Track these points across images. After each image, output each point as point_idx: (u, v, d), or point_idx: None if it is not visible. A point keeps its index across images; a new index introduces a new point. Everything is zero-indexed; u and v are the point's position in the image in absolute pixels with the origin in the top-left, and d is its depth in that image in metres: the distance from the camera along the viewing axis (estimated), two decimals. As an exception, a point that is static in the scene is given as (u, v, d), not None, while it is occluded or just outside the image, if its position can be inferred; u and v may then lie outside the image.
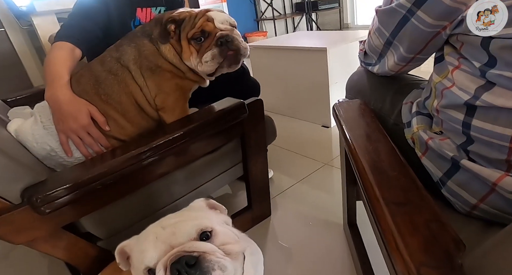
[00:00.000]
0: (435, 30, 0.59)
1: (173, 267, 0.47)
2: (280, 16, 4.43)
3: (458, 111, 0.55)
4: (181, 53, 0.85)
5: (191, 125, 0.86)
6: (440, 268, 0.38)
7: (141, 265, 0.51)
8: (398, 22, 0.62)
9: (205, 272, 0.48)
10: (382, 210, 0.48)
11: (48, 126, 0.82)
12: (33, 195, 0.67)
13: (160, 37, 0.84)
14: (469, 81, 0.52)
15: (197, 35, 0.83)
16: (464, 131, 0.54)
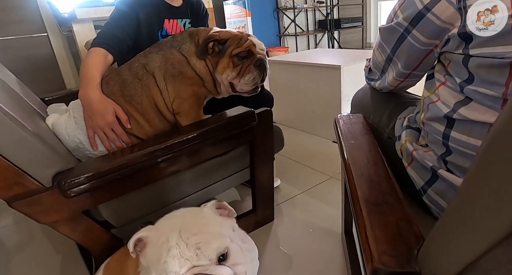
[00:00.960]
0: (428, 48, 0.65)
1: None
2: (303, 33, 4.55)
3: (440, 123, 0.60)
4: (217, 66, 0.98)
5: (203, 128, 0.95)
6: (398, 257, 0.44)
7: (162, 272, 0.56)
8: (397, 39, 0.69)
9: None
10: (360, 208, 0.54)
11: (79, 122, 0.93)
12: (62, 179, 0.77)
13: (200, 53, 0.96)
14: (451, 97, 0.58)
15: (243, 54, 0.97)
16: (444, 143, 0.60)
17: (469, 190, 0.34)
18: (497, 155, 0.29)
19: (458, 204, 0.35)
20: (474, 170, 0.33)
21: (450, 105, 0.58)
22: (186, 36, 1.00)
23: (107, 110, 0.91)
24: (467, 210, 0.34)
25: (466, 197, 0.34)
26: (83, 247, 1.22)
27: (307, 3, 4.51)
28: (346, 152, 0.72)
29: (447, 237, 0.36)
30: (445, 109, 0.59)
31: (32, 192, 0.77)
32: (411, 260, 0.43)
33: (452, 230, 0.36)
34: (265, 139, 1.14)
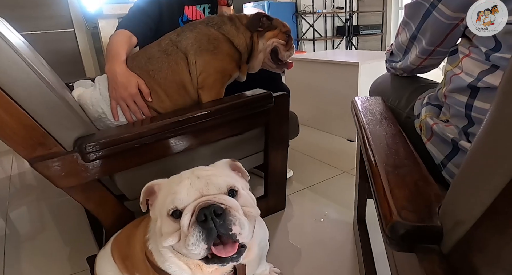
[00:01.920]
0: (453, 23, 0.64)
1: (201, 212, 0.53)
2: (321, 38, 4.56)
3: (462, 94, 0.60)
4: (263, 35, 1.11)
5: (221, 105, 0.97)
6: (418, 211, 0.43)
7: (169, 205, 0.57)
8: (423, 15, 0.68)
9: (227, 224, 0.53)
10: (377, 169, 0.53)
11: (103, 93, 0.97)
12: (84, 142, 0.79)
13: (252, 25, 1.08)
14: (475, 67, 0.57)
15: (288, 32, 1.16)
16: (467, 114, 0.59)
17: (487, 137, 0.33)
18: None
19: (476, 148, 0.34)
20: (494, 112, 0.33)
21: (474, 75, 0.57)
22: (226, 20, 1.07)
23: (130, 82, 0.94)
24: (486, 154, 0.33)
25: (484, 142, 0.34)
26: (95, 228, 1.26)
27: (327, 8, 4.53)
28: (363, 124, 0.72)
29: (468, 181, 0.36)
30: (469, 79, 0.58)
31: (54, 154, 0.80)
32: (432, 215, 0.42)
33: (472, 174, 0.35)
34: (280, 122, 1.14)
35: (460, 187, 0.37)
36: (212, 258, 0.55)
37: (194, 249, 0.53)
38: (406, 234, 0.40)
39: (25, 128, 0.75)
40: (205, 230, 0.53)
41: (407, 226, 0.40)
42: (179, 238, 0.55)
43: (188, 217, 0.54)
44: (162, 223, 0.58)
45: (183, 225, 0.54)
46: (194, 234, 0.53)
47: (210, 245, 0.53)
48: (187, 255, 0.55)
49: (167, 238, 0.56)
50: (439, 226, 0.39)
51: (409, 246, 0.41)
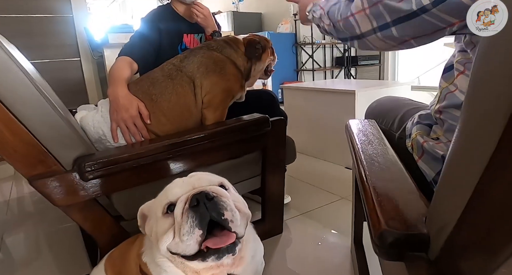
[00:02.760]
0: (443, 25, 0.59)
1: (193, 197, 0.55)
2: (320, 68, 4.69)
3: (459, 110, 0.61)
4: (260, 58, 1.20)
5: (219, 127, 0.99)
6: (406, 221, 0.44)
7: (162, 202, 0.59)
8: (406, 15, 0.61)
9: (219, 209, 0.55)
10: (367, 183, 0.55)
11: (105, 116, 1.01)
12: (83, 162, 0.81)
13: (252, 54, 1.17)
14: (467, 83, 0.59)
15: (271, 45, 1.27)
16: None
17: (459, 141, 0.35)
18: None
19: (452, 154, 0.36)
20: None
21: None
22: (223, 43, 1.14)
23: (131, 105, 0.98)
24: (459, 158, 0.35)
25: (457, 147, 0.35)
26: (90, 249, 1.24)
27: (325, 39, 4.70)
28: (356, 143, 0.74)
29: (447, 186, 0.37)
30: (463, 97, 0.60)
31: (53, 173, 0.81)
32: (418, 224, 0.43)
33: (449, 179, 0.37)
34: (277, 146, 1.16)
35: (441, 192, 0.38)
36: (208, 252, 0.55)
37: (189, 238, 0.54)
38: (394, 242, 0.41)
39: (26, 146, 0.77)
40: (198, 214, 0.54)
41: (395, 234, 0.41)
42: (174, 233, 0.56)
43: (181, 205, 0.56)
44: (158, 226, 0.59)
45: (177, 214, 0.55)
46: (187, 220, 0.54)
47: (204, 230, 0.54)
48: (184, 251, 0.55)
49: (163, 238, 0.57)
50: (425, 233, 0.40)
51: (397, 255, 0.42)
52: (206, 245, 0.55)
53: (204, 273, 0.61)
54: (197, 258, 0.56)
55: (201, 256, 0.56)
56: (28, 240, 1.48)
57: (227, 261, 0.61)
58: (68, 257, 1.28)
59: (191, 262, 0.58)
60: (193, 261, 0.57)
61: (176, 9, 1.35)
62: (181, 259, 0.59)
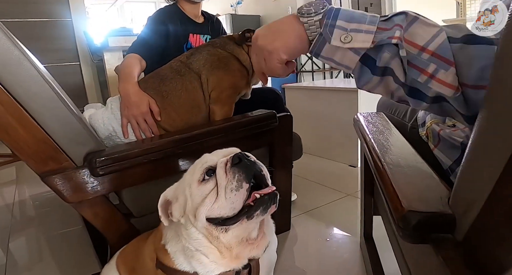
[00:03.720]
0: None
1: (235, 156, 0.58)
2: (319, 70, 4.71)
3: None
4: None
5: (228, 122, 0.99)
6: (429, 201, 0.44)
7: (200, 169, 0.60)
8: None
9: (258, 170, 0.58)
10: (384, 169, 0.55)
11: (115, 112, 1.01)
12: (94, 157, 0.81)
13: (240, 40, 1.13)
14: None
15: None
16: None
17: (488, 118, 0.35)
18: None
19: (479, 131, 0.36)
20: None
21: None
22: (226, 40, 1.14)
23: (142, 101, 0.98)
24: (488, 133, 0.35)
25: (486, 123, 0.35)
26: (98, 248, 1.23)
27: (324, 41, 4.73)
28: (367, 134, 0.74)
29: (474, 163, 0.37)
30: None
31: (64, 169, 0.81)
32: (442, 205, 0.42)
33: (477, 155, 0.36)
34: (284, 142, 1.17)
35: (467, 171, 0.38)
36: (255, 204, 0.56)
37: (237, 194, 0.55)
38: (419, 224, 0.41)
39: (37, 142, 0.77)
40: (243, 169, 0.57)
41: (419, 215, 0.41)
42: (217, 194, 0.57)
43: (223, 165, 0.58)
44: (193, 197, 0.59)
45: (221, 174, 0.57)
46: (234, 175, 0.56)
47: (250, 184, 0.57)
48: (227, 213, 0.56)
49: (203, 204, 0.58)
50: (450, 214, 0.40)
51: (422, 237, 0.41)
52: (255, 193, 0.56)
53: (237, 249, 0.62)
54: (241, 217, 0.57)
55: (246, 213, 0.57)
56: (34, 243, 1.47)
57: (255, 233, 0.63)
58: (76, 256, 1.28)
59: (233, 229, 0.59)
60: (237, 222, 0.57)
61: (183, 9, 1.36)
62: (218, 232, 0.59)
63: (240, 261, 0.63)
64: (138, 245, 0.78)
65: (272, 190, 0.58)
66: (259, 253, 0.64)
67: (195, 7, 1.37)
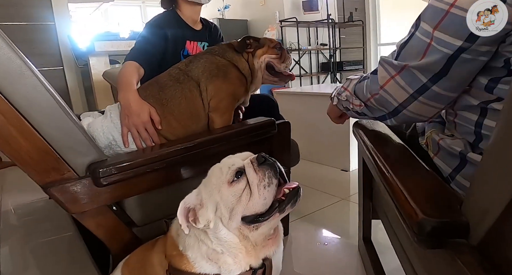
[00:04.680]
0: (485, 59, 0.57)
1: (259, 156, 0.63)
2: (306, 74, 4.77)
3: (472, 113, 0.62)
4: (255, 56, 1.16)
5: (229, 130, 1.00)
6: (442, 208, 0.46)
7: (230, 172, 0.62)
8: (445, 64, 0.58)
9: (279, 166, 0.64)
10: (393, 178, 0.57)
11: (115, 121, 1.00)
12: (97, 168, 0.80)
13: (240, 47, 1.15)
14: (480, 95, 0.60)
15: (278, 46, 1.21)
16: (476, 131, 0.61)
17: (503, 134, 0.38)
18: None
19: (497, 139, 0.39)
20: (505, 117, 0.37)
21: (482, 100, 0.60)
22: (225, 47, 1.15)
23: (143, 110, 0.98)
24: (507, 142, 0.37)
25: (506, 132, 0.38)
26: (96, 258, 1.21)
27: (311, 45, 4.79)
28: (370, 143, 0.76)
29: (492, 171, 0.39)
30: (476, 102, 0.61)
31: (67, 180, 0.80)
32: (455, 211, 0.45)
33: (495, 164, 0.39)
34: (283, 149, 1.18)
35: (484, 178, 0.40)
36: (287, 198, 0.62)
37: (269, 190, 0.60)
38: (434, 230, 0.43)
39: (40, 153, 0.75)
40: (270, 166, 0.62)
41: (434, 222, 0.43)
42: (250, 192, 0.61)
43: (251, 165, 0.62)
44: (226, 199, 0.62)
45: (251, 173, 0.61)
46: (264, 173, 0.61)
47: (278, 180, 0.62)
48: (261, 209, 0.61)
49: (241, 200, 0.61)
50: (464, 220, 0.42)
51: (437, 242, 0.43)
52: (284, 188, 0.62)
53: (260, 245, 0.66)
54: (273, 212, 0.62)
55: (278, 208, 0.62)
56: (21, 253, 1.43)
57: (272, 229, 0.67)
58: (67, 265, 1.25)
59: (262, 227, 0.62)
60: (270, 217, 0.62)
61: (182, 14, 1.35)
62: (250, 230, 0.62)
63: (259, 259, 0.67)
64: (144, 255, 0.77)
65: (296, 184, 0.64)
66: (274, 250, 0.68)
67: (196, 11, 1.36)
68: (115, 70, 2.52)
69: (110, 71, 2.49)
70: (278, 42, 1.24)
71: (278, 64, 1.21)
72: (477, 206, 0.41)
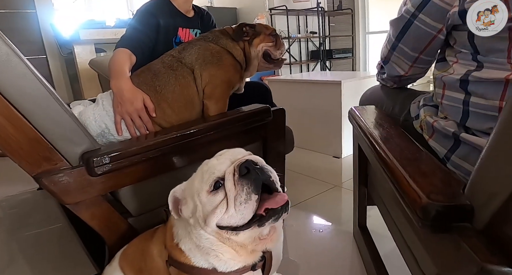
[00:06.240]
0: (433, 33, 0.70)
1: (242, 166, 0.56)
2: (296, 62, 4.75)
3: (458, 92, 0.65)
4: (252, 44, 1.15)
5: (224, 118, 0.99)
6: (446, 193, 0.46)
7: (208, 181, 0.58)
8: (403, 25, 0.76)
9: (266, 172, 0.58)
10: (393, 164, 0.57)
11: (107, 109, 0.97)
12: (91, 157, 0.78)
13: (237, 36, 1.13)
14: (463, 68, 0.64)
15: (273, 33, 1.20)
16: (464, 109, 0.64)
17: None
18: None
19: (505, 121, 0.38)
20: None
21: (463, 73, 0.64)
22: (219, 34, 1.13)
23: (136, 97, 0.95)
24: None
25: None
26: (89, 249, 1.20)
27: (301, 33, 4.75)
28: (367, 128, 0.76)
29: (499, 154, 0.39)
30: (458, 76, 0.64)
31: (59, 169, 0.78)
32: (459, 195, 0.45)
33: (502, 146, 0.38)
34: (278, 137, 1.17)
35: (487, 163, 0.40)
36: (268, 214, 0.56)
37: (246, 206, 0.55)
38: (438, 214, 0.43)
39: (30, 142, 0.73)
40: (251, 180, 0.56)
41: (438, 206, 0.43)
42: (227, 205, 0.57)
43: (231, 177, 0.57)
44: (204, 205, 0.59)
45: (229, 187, 0.56)
46: (243, 188, 0.56)
47: (259, 195, 0.56)
48: (238, 222, 0.56)
49: (214, 214, 0.57)
50: (468, 204, 0.43)
51: (442, 227, 0.44)
52: (266, 207, 0.56)
53: (250, 246, 0.62)
54: (252, 225, 0.57)
55: (258, 221, 0.57)
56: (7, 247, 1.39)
57: (266, 230, 0.63)
58: (58, 257, 1.23)
59: (243, 232, 0.58)
60: (247, 229, 0.58)
61: (173, 2, 1.32)
62: (229, 234, 0.59)
63: (256, 255, 0.65)
64: (144, 245, 0.76)
65: (284, 201, 0.57)
66: (273, 245, 0.66)
67: (186, 1, 1.33)
68: (102, 58, 2.45)
69: (98, 59, 2.42)
70: (273, 29, 1.23)
71: (274, 52, 1.20)
72: (482, 189, 0.41)
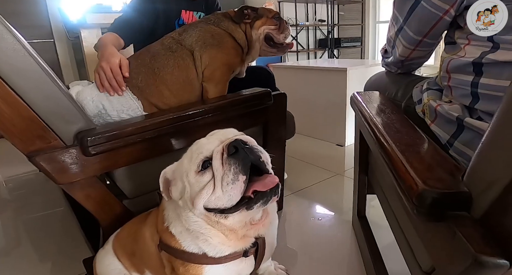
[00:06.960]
0: (439, 14, 0.67)
1: (231, 145, 0.54)
2: (304, 50, 4.67)
3: (467, 74, 0.61)
4: (253, 27, 1.12)
5: (223, 100, 0.97)
6: (444, 180, 0.44)
7: (196, 160, 0.57)
8: (410, 6, 0.72)
9: (255, 152, 0.56)
10: (392, 149, 0.55)
11: None
12: (85, 136, 0.77)
13: (238, 18, 1.10)
14: (477, 49, 0.60)
15: (277, 16, 1.17)
16: (473, 91, 0.60)
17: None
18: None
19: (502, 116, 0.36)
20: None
21: (477, 55, 0.60)
22: (221, 16, 1.11)
23: (113, 56, 0.97)
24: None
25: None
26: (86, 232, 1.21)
27: (309, 21, 4.66)
28: (368, 113, 0.73)
29: (499, 141, 0.37)
30: (471, 58, 0.60)
31: (53, 148, 0.77)
32: (457, 182, 0.43)
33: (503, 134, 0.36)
34: (278, 121, 1.15)
35: (487, 151, 0.38)
36: (256, 197, 0.54)
37: (233, 187, 0.53)
38: (435, 202, 0.41)
39: (24, 120, 0.72)
40: (239, 160, 0.53)
41: (435, 193, 0.41)
42: (214, 186, 0.55)
43: (219, 156, 0.55)
44: (192, 186, 0.57)
45: (217, 166, 0.54)
46: (230, 168, 0.53)
47: (247, 176, 0.54)
48: (225, 204, 0.54)
49: (200, 195, 0.55)
50: (466, 191, 0.40)
51: (438, 214, 0.42)
52: (254, 189, 0.54)
53: (241, 231, 0.61)
54: (240, 207, 0.55)
55: (246, 204, 0.55)
56: (13, 226, 1.42)
57: (258, 215, 0.61)
58: (60, 240, 1.24)
59: (232, 215, 0.57)
60: (235, 212, 0.56)
61: None
62: (218, 217, 0.57)
63: (248, 240, 0.63)
64: (136, 228, 0.76)
65: (274, 184, 0.55)
66: (265, 231, 0.64)
67: None
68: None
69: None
70: (277, 12, 1.18)
71: (277, 35, 1.16)
72: (481, 176, 0.39)
